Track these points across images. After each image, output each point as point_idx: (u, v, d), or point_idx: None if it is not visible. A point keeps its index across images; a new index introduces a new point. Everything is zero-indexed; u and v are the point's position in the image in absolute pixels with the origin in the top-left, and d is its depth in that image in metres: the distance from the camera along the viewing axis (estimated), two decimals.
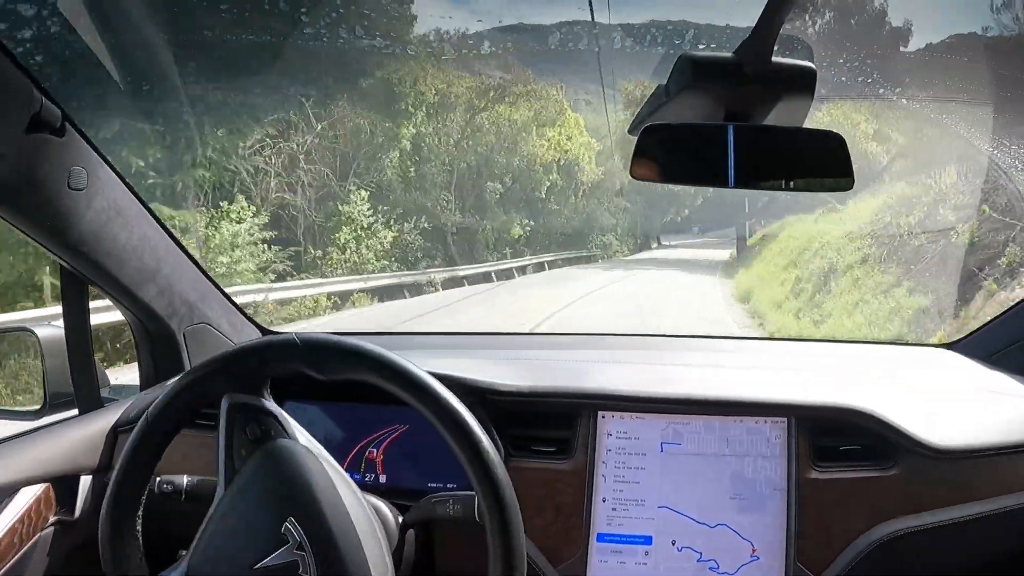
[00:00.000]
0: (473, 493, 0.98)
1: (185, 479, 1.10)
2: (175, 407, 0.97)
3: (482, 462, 0.93)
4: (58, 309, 1.42)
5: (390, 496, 1.16)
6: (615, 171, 28.52)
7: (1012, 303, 1.57)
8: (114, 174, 1.27)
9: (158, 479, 1.08)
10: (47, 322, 1.51)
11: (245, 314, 1.73)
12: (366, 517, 0.98)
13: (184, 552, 1.02)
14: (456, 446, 0.94)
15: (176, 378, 1.00)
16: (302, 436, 1.00)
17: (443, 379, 0.97)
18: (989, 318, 1.63)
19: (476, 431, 0.94)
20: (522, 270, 22.37)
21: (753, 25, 0.78)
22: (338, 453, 1.35)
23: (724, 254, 29.23)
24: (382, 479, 1.34)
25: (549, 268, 23.96)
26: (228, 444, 0.95)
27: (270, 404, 0.99)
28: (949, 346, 1.65)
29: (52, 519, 1.26)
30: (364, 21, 15.90)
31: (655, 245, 36.53)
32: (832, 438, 1.25)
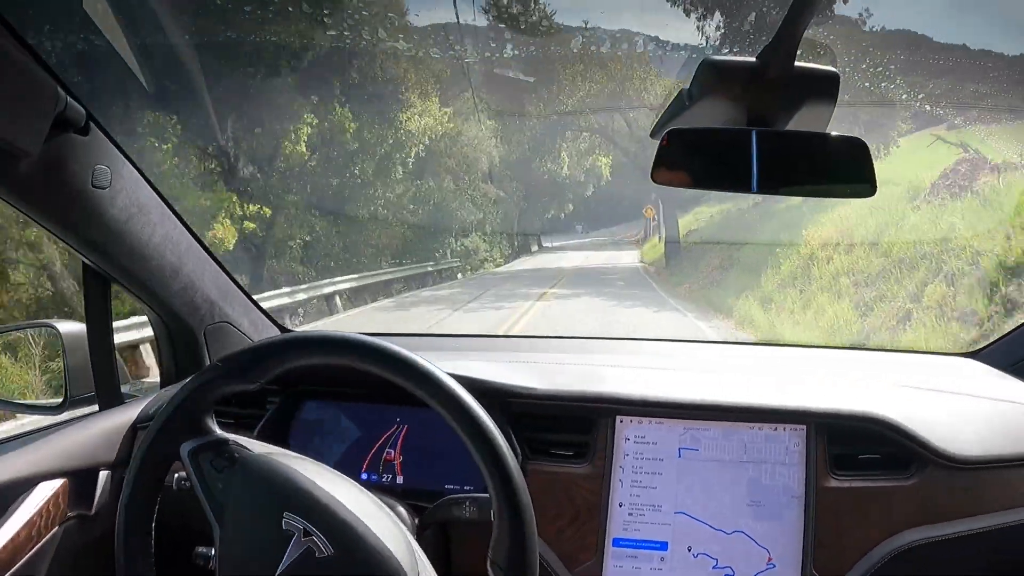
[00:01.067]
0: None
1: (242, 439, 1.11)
2: (147, 477, 0.98)
3: (485, 439, 0.93)
4: None
5: (407, 497, 1.17)
6: (479, 141, 19.38)
7: None
8: (137, 173, 1.29)
9: (176, 475, 1.09)
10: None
11: (265, 312, 1.74)
12: (358, 491, 0.99)
13: (201, 549, 1.03)
14: (457, 426, 0.94)
15: (138, 449, 1.00)
16: (262, 447, 1.01)
17: (461, 380, 0.97)
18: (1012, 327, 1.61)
19: (477, 411, 0.94)
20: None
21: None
22: (356, 453, 1.36)
23: (628, 257, 22.79)
24: (400, 480, 1.34)
25: (344, 308, 13.15)
26: (204, 486, 0.96)
27: (221, 433, 1.00)
28: (971, 355, 1.63)
29: (70, 514, 1.27)
30: None
31: (536, 248, 28.92)
32: (850, 446, 1.24)
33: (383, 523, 0.95)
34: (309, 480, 0.95)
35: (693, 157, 0.86)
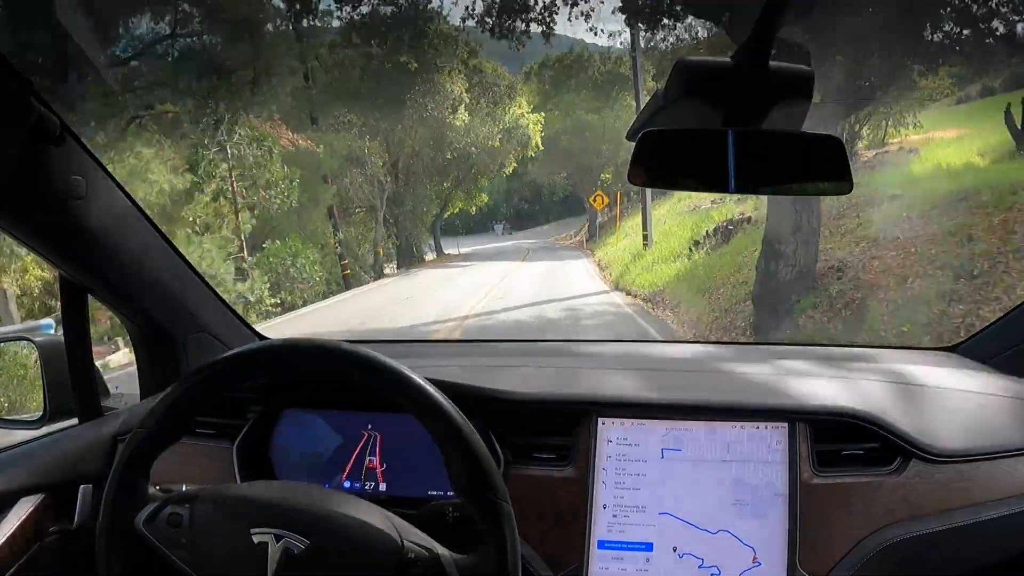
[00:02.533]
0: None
1: (183, 488, 1.10)
2: (118, 555, 0.98)
3: (436, 411, 0.96)
4: None
5: (391, 505, 1.16)
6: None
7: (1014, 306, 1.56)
8: (113, 183, 1.27)
9: (155, 488, 1.08)
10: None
11: (242, 320, 1.73)
12: (316, 488, 1.01)
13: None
14: (407, 404, 0.96)
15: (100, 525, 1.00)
16: (208, 489, 1.02)
17: (443, 386, 0.97)
18: (991, 320, 1.62)
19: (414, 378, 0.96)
20: None
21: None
22: (337, 461, 1.35)
23: (583, 275, 15.94)
24: (382, 487, 1.33)
25: None
26: (170, 545, 0.97)
27: (161, 493, 1.01)
28: (951, 349, 1.65)
29: (52, 529, 1.25)
30: None
31: (432, 256, 20.09)
32: (833, 443, 1.24)
33: (347, 502, 0.97)
34: (261, 495, 0.97)
35: (670, 158, 0.86)
